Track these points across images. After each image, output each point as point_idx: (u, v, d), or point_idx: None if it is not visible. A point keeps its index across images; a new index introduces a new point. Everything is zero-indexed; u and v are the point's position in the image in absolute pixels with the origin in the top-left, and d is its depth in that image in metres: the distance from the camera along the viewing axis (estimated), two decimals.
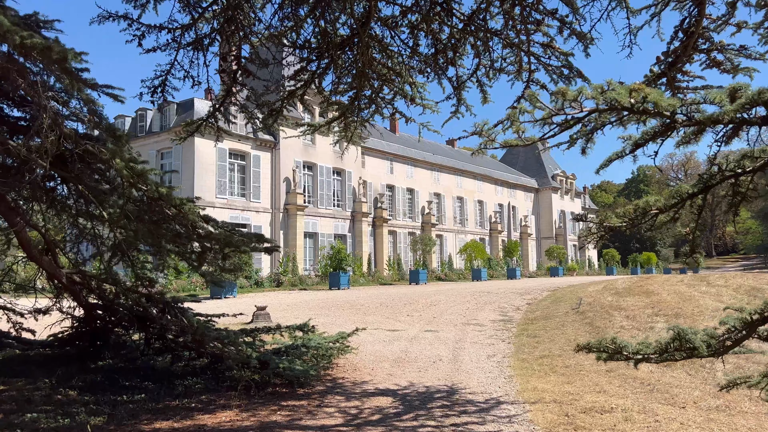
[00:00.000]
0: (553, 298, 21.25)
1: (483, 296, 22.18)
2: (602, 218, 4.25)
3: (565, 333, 11.73)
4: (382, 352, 9.97)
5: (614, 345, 4.02)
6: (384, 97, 9.09)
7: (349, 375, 8.04)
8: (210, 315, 7.93)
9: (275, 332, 8.26)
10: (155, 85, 7.76)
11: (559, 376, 7.77)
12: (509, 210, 61.58)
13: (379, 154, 47.78)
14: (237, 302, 20.99)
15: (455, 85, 7.99)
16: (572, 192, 71.40)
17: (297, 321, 14.72)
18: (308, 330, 8.38)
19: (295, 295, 24.35)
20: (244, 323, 14.00)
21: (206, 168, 35.23)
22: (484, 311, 17.06)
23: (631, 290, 21.88)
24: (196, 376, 7.76)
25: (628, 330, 11.60)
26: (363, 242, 42.57)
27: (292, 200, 38.68)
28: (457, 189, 55.74)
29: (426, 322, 14.25)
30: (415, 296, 21.96)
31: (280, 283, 29.70)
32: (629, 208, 4.15)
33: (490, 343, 10.96)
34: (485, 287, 28.37)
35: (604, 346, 4.05)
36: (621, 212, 4.20)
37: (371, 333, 12.23)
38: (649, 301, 17.76)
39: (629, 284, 25.48)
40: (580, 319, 13.67)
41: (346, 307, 17.90)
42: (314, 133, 9.53)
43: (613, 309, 15.41)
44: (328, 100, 8.86)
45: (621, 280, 30.00)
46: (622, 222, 4.19)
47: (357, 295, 23.82)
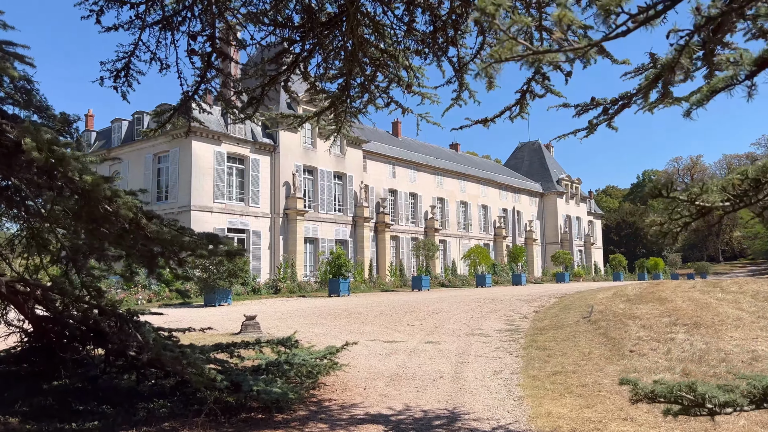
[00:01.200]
0: (562, 305, 20.28)
1: (488, 303, 21.22)
2: (692, 195, 3.23)
3: (578, 345, 10.77)
4: (377, 367, 9.03)
5: (693, 394, 2.96)
6: (378, 85, 8.20)
7: (337, 396, 7.11)
8: (173, 329, 7.02)
9: (254, 347, 7.34)
10: (118, 69, 6.89)
11: (576, 398, 6.82)
12: (514, 215, 60.58)
13: (381, 158, 46.91)
14: (230, 310, 20.08)
15: (457, 68, 7.08)
16: (578, 196, 70.35)
17: (289, 331, 13.79)
18: (291, 344, 7.44)
19: (293, 303, 23.42)
20: (233, 334, 13.10)
21: (204, 172, 34.41)
22: (489, 320, 16.11)
23: (644, 297, 20.88)
24: (164, 398, 6.85)
25: (647, 342, 10.63)
26: (365, 248, 41.65)
27: (292, 205, 37.81)
28: (460, 193, 54.79)
29: (427, 332, 13.30)
30: (417, 304, 21.01)
31: (278, 290, 28.79)
32: (734, 177, 3.12)
33: (497, 357, 10.01)
34: (490, 294, 27.40)
35: (678, 394, 2.99)
36: (722, 184, 3.17)
37: (367, 345, 11.29)
38: (664, 308, 16.78)
39: (640, 291, 24.48)
40: (593, 328, 12.70)
41: (344, 316, 16.97)
42: (302, 124, 8.63)
43: (627, 318, 14.43)
44: (315, 87, 7.97)
45: (630, 286, 28.98)
46: (725, 199, 3.15)
47: (356, 302, 22.87)
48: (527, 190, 64.59)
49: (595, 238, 74.20)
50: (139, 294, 24.15)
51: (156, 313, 7.44)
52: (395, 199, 47.89)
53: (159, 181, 36.57)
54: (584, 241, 70.66)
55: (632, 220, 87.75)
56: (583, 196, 72.36)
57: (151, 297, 24.09)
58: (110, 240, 4.79)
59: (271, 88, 7.53)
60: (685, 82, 5.77)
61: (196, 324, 16.11)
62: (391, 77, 8.04)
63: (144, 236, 4.58)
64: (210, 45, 7.14)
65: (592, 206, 75.34)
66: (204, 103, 7.67)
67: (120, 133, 39.37)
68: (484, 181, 58.10)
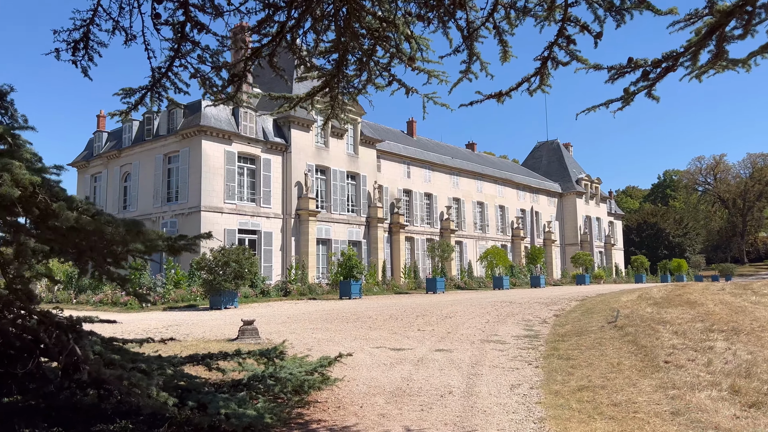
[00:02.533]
0: (584, 308, 19.15)
1: (505, 307, 20.14)
2: None
3: (605, 354, 9.69)
4: (379, 380, 8.05)
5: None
6: (378, 61, 7.24)
7: (328, 416, 6.14)
8: (129, 340, 6.10)
9: (233, 359, 6.40)
10: (75, 39, 6.01)
11: (608, 421, 5.79)
12: (532, 215, 59.21)
13: (395, 158, 45.94)
14: (234, 314, 19.23)
15: (465, 34, 6.09)
16: (597, 197, 68.76)
17: (291, 337, 12.87)
18: (275, 355, 6.49)
19: (301, 306, 22.52)
20: (229, 340, 12.21)
21: (214, 172, 33.70)
22: (507, 325, 15.05)
23: (671, 300, 19.66)
24: (129, 417, 5.95)
25: (682, 350, 9.53)
26: (378, 249, 40.68)
27: (304, 205, 36.97)
28: (477, 194, 53.62)
29: (438, 338, 12.29)
30: (430, 307, 19.99)
31: (287, 293, 27.92)
32: None
33: (514, 368, 8.98)
34: (507, 296, 26.28)
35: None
36: None
37: (371, 353, 10.31)
38: (696, 313, 15.60)
39: (666, 293, 23.22)
40: (620, 335, 11.60)
41: (351, 320, 16.01)
42: (294, 107, 7.69)
43: (657, 323, 13.30)
44: (305, 63, 7.03)
45: (655, 288, 27.68)
46: None
47: (367, 305, 21.91)
48: (546, 190, 63.18)
49: (616, 240, 72.50)
50: None
51: (108, 321, 6.51)
52: (410, 199, 46.88)
53: (169, 182, 35.94)
54: (604, 242, 69.02)
55: (654, 221, 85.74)
56: (603, 196, 70.73)
57: (156, 300, 23.35)
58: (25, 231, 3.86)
59: (254, 63, 6.62)
60: (744, 37, 4.73)
61: (197, 329, 15.31)
62: (392, 52, 7.08)
63: (49, 227, 3.65)
64: (183, 13, 6.24)
65: (612, 207, 73.65)
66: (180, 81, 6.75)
67: (131, 133, 38.84)
68: (501, 181, 56.86)
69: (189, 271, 25.53)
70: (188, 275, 25.51)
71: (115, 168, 39.75)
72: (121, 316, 19.26)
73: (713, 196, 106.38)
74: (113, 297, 23.94)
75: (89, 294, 25.92)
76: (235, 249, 22.50)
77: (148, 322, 16.97)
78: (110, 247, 4.16)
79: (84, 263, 4.44)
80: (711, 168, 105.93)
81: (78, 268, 4.62)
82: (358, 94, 7.80)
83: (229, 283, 21.55)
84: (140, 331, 14.57)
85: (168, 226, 34.34)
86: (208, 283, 21.59)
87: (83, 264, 4.45)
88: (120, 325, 16.09)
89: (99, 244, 4.05)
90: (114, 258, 4.45)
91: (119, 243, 4.04)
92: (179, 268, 26.31)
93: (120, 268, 5.10)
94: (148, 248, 4.22)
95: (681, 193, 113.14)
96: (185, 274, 25.70)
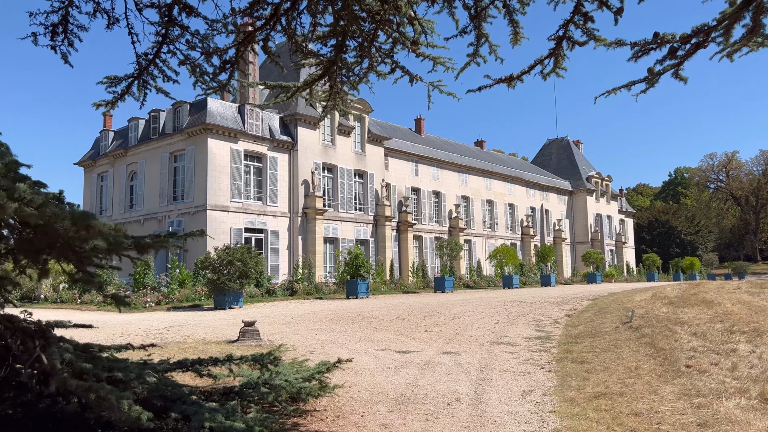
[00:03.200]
0: (596, 308, 18.62)
1: (515, 306, 19.65)
2: None
3: (622, 357, 9.20)
4: (382, 385, 7.61)
5: None
6: (380, 47, 6.80)
7: (326, 427, 5.71)
8: (108, 346, 5.70)
9: (224, 364, 5.98)
10: (54, 23, 5.61)
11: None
12: (542, 213, 58.56)
13: (403, 156, 45.48)
14: (238, 314, 18.85)
15: (473, 14, 5.64)
16: (608, 194, 67.96)
17: (294, 338, 12.46)
18: (269, 361, 6.06)
19: (306, 306, 22.12)
20: (229, 342, 11.81)
21: (220, 170, 33.38)
22: (517, 325, 14.57)
23: (687, 300, 19.09)
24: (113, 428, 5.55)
25: (703, 353, 9.03)
26: (386, 248, 40.25)
27: (311, 204, 36.60)
28: (486, 191, 53.06)
29: (446, 340, 11.83)
30: (438, 307, 19.53)
31: (293, 292, 27.53)
32: None
33: (525, 372, 8.51)
34: (517, 296, 25.77)
35: None
36: None
37: (375, 356, 9.87)
38: (713, 312, 15.05)
39: (680, 292, 22.62)
40: (636, 337, 11.10)
41: (357, 320, 15.58)
42: (292, 97, 7.26)
43: (673, 323, 12.79)
44: (302, 49, 6.60)
45: (669, 287, 27.06)
46: None
47: (374, 305, 21.47)
48: (556, 188, 62.49)
49: (627, 238, 71.69)
50: (147, 296, 23.09)
51: (83, 326, 6.11)
52: (418, 197, 46.42)
53: (175, 181, 35.67)
54: (615, 240, 68.23)
55: (665, 219, 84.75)
56: (614, 193, 69.93)
57: (160, 299, 23.02)
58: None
59: (247, 47, 6.19)
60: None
61: (198, 330, 14.91)
62: (395, 36, 6.63)
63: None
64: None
65: (623, 204, 72.83)
66: (168, 69, 6.34)
67: (137, 132, 38.60)
68: (510, 178, 56.25)
69: (194, 271, 25.18)
70: (193, 275, 25.16)
71: (121, 167, 39.53)
72: (123, 317, 18.94)
73: (725, 193, 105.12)
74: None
75: (93, 294, 25.61)
76: (240, 248, 22.12)
77: (149, 322, 16.62)
78: (68, 244, 3.73)
79: (38, 260, 4.01)
80: (723, 165, 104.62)
81: (37, 269, 4.19)
82: (359, 83, 7.37)
83: (234, 283, 21.18)
84: (140, 332, 14.23)
85: (174, 225, 34.06)
86: (212, 283, 21.23)
87: (37, 261, 4.02)
88: (119, 326, 15.77)
89: (55, 240, 3.62)
90: (77, 257, 4.01)
91: (76, 240, 3.61)
92: (184, 267, 25.99)
93: (99, 268, 4.68)
94: (112, 246, 3.78)
95: (692, 190, 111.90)
96: (190, 274, 25.36)
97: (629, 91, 4.53)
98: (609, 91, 4.64)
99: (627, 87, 4.52)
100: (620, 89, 4.55)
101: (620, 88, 4.56)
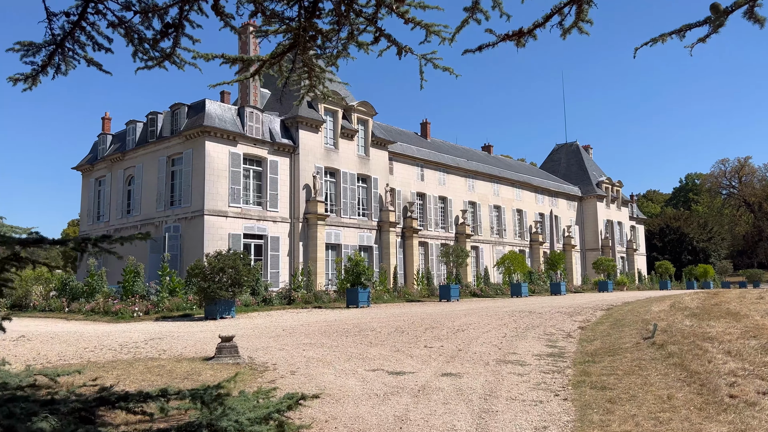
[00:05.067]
0: (611, 320, 17.30)
1: (524, 317, 18.34)
2: None
3: (650, 382, 7.91)
4: (366, 420, 6.36)
5: None
6: (361, 11, 5.61)
7: None
8: (47, 372, 4.48)
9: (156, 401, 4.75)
10: None
11: None
12: (551, 219, 57.12)
13: (408, 160, 44.28)
14: (228, 325, 17.66)
15: None
16: (619, 200, 66.44)
17: (279, 354, 11.22)
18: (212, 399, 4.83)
19: (302, 316, 20.89)
20: (204, 359, 10.59)
21: (218, 174, 32.26)
22: (526, 339, 13.28)
23: (710, 311, 17.72)
24: None
25: (746, 378, 7.72)
26: (391, 254, 38.97)
27: (313, 209, 35.42)
28: (493, 197, 51.72)
29: (447, 358, 10.57)
30: (441, 318, 18.25)
31: (291, 301, 26.32)
32: None
33: (537, 400, 7.24)
34: (526, 305, 24.44)
35: None
36: None
37: (364, 379, 8.62)
38: (743, 326, 13.68)
39: (701, 302, 21.23)
40: (662, 356, 9.80)
41: (352, 334, 14.34)
42: (255, 74, 6.06)
43: (701, 339, 11.46)
44: (264, 11, 5.40)
45: (687, 297, 25.64)
46: None
47: (373, 315, 20.21)
48: (565, 193, 61.06)
49: (638, 245, 70.07)
50: (136, 305, 21.93)
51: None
52: (423, 202, 45.16)
53: (173, 185, 34.58)
54: (626, 247, 66.66)
55: (677, 225, 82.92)
56: (625, 199, 68.39)
57: (149, 308, 21.85)
58: None
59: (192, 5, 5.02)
60: None
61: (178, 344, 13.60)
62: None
63: None
64: None
65: (634, 210, 71.26)
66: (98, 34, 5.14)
67: (135, 135, 37.60)
68: (518, 184, 54.90)
69: (186, 278, 24.04)
70: (185, 282, 24.00)
71: (119, 171, 38.54)
72: (105, 328, 17.79)
73: (738, 199, 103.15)
74: (105, 306, 22.50)
75: (82, 302, 24.54)
76: (232, 254, 20.94)
77: (130, 334, 15.45)
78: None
79: None
80: (735, 171, 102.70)
81: None
82: (338, 57, 6.18)
83: (225, 291, 19.98)
84: (115, 346, 13.06)
85: (171, 231, 32.95)
86: (203, 291, 20.05)
87: None
88: (95, 338, 14.60)
89: None
90: None
91: None
92: (176, 274, 24.84)
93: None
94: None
95: (704, 197, 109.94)
96: (182, 281, 24.20)
97: (682, 40, 3.30)
98: (654, 40, 3.40)
99: (680, 33, 3.29)
100: (670, 36, 3.32)
101: (670, 35, 3.33)
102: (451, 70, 6.02)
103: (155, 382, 8.24)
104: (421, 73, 6.05)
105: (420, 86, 6.19)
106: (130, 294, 23.86)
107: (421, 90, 6.15)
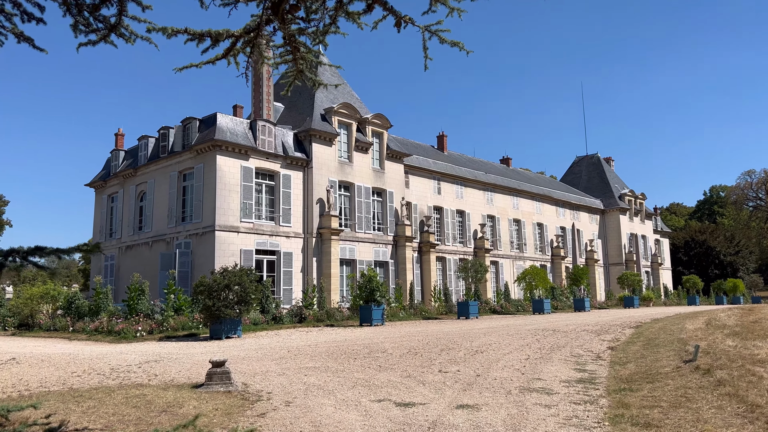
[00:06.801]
0: (643, 339, 15.99)
1: (548, 336, 17.09)
2: None
3: (703, 417, 6.71)
4: None
5: None
6: None
7: None
8: None
9: None
10: None
11: None
12: (573, 233, 55.55)
13: (424, 173, 43.26)
14: (232, 345, 16.66)
15: None
16: (642, 213, 64.65)
17: (278, 380, 10.12)
18: None
19: (312, 336, 19.82)
20: (194, 386, 9.57)
21: (230, 189, 31.50)
22: (552, 362, 12.07)
23: (751, 329, 16.31)
24: None
25: None
26: (407, 270, 37.83)
27: (326, 223, 34.47)
28: (513, 211, 50.40)
29: (463, 385, 9.42)
30: (459, 338, 17.06)
31: (302, 319, 25.27)
32: None
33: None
34: (549, 323, 23.12)
35: None
36: None
37: (367, 412, 7.52)
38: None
39: (738, 319, 19.77)
40: (710, 384, 8.56)
41: (361, 356, 13.23)
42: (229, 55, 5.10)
43: (751, 363, 10.19)
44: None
45: (722, 312, 24.14)
46: None
47: (386, 335, 19.07)
48: (587, 206, 59.49)
49: (663, 258, 68.04)
50: (139, 325, 21.04)
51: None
52: (441, 216, 44.03)
53: (184, 200, 33.90)
54: (651, 261, 64.71)
55: (702, 239, 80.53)
56: (648, 212, 66.57)
57: (153, 328, 20.95)
58: None
59: None
60: None
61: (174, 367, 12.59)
62: None
63: None
64: None
65: (658, 223, 69.31)
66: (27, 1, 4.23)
67: (146, 150, 37.10)
68: (538, 197, 53.53)
69: (192, 296, 23.14)
70: (191, 300, 23.08)
71: (131, 187, 38.02)
72: (102, 349, 16.89)
73: (765, 212, 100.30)
74: (108, 325, 21.64)
75: (87, 321, 23.74)
76: (239, 271, 19.98)
77: (126, 356, 14.50)
78: None
79: None
80: (762, 182, 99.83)
81: None
82: (326, 32, 5.18)
83: (231, 309, 19.00)
84: (106, 370, 12.11)
85: (182, 248, 32.17)
86: (208, 309, 19.09)
87: None
88: (87, 361, 13.67)
89: None
90: None
91: None
92: (182, 291, 23.94)
93: None
94: None
95: (729, 209, 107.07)
96: (188, 299, 23.28)
97: None
98: None
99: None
100: None
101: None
102: (461, 45, 5.01)
103: (128, 416, 7.22)
104: (424, 48, 5.03)
105: (424, 66, 5.16)
106: (134, 312, 23.00)
107: (426, 71, 5.13)
